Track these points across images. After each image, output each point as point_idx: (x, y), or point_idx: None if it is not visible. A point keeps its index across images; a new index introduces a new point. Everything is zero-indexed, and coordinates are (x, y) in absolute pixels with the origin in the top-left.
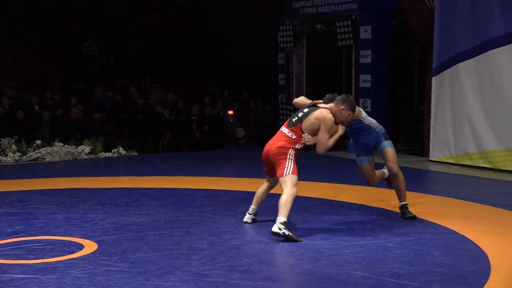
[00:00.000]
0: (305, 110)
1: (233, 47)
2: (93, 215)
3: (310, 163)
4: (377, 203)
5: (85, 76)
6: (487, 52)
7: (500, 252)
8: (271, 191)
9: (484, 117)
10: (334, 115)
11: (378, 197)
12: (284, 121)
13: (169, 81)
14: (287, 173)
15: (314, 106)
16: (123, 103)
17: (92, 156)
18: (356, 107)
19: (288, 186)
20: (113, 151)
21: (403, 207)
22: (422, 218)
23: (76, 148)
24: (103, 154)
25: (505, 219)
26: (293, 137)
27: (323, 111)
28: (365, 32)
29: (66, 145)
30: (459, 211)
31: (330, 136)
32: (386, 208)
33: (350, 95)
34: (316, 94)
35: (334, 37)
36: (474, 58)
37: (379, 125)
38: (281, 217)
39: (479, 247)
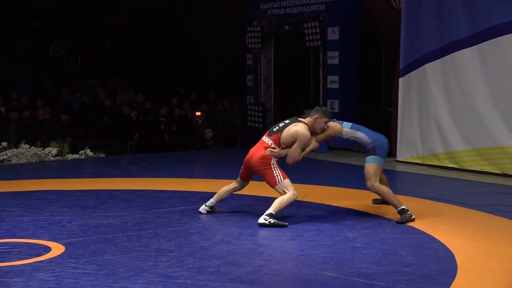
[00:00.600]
0: (286, 121)
1: (201, 48)
2: (60, 217)
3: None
4: (345, 204)
5: (52, 77)
6: (453, 53)
7: (466, 251)
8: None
9: (451, 118)
10: (312, 127)
11: (346, 198)
12: (252, 121)
13: (137, 82)
14: (279, 180)
15: (295, 119)
16: (91, 105)
17: (59, 158)
18: (338, 124)
19: (290, 190)
20: (80, 152)
21: (398, 213)
22: (390, 218)
23: (43, 150)
24: (70, 156)
25: (471, 219)
26: (273, 145)
27: (302, 127)
28: (333, 33)
29: (32, 147)
30: (426, 211)
31: (303, 150)
32: (354, 208)
33: (323, 106)
34: (284, 95)
35: (302, 38)
36: (440, 59)
37: (369, 139)
38: (270, 210)
39: (446, 246)
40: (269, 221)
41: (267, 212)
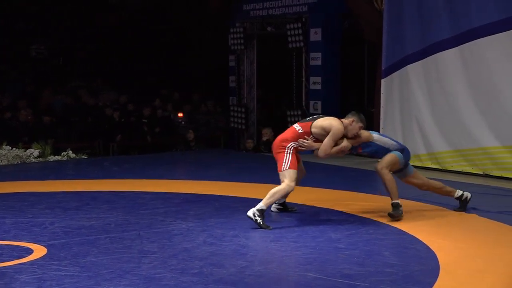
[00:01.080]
0: (321, 114)
1: (184, 49)
2: (42, 219)
3: (261, 165)
4: (328, 204)
5: (35, 78)
6: (435, 55)
7: (448, 251)
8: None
9: (433, 119)
10: (346, 128)
11: (329, 198)
12: (235, 123)
13: (120, 83)
14: (285, 168)
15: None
16: (73, 106)
17: (41, 159)
18: (367, 131)
19: (286, 181)
20: (62, 154)
21: (392, 205)
22: (372, 219)
23: (25, 151)
24: (52, 158)
25: (454, 219)
26: (300, 131)
27: (336, 120)
28: (315, 35)
29: (14, 149)
30: (408, 211)
31: (335, 146)
32: (337, 209)
33: (360, 113)
34: (267, 96)
35: (285, 39)
36: (422, 60)
37: (395, 143)
38: (261, 204)
39: (428, 247)
40: (256, 219)
41: (259, 206)
